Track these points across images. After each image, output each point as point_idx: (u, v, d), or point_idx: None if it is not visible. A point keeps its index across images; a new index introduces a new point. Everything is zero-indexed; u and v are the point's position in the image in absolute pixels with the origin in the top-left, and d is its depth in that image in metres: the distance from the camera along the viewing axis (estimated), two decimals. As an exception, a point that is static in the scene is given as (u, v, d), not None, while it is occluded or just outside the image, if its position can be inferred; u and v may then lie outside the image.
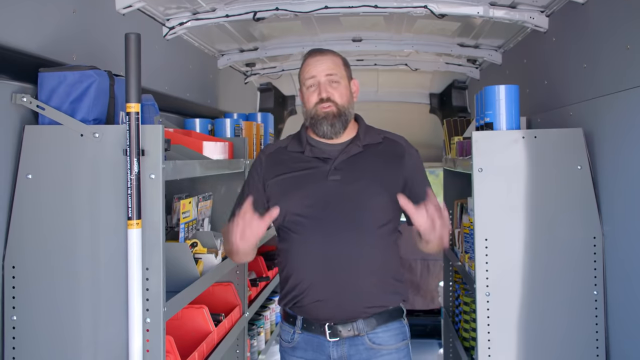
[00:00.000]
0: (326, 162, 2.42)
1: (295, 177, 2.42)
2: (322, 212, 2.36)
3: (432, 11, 3.41)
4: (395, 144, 2.51)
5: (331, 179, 2.38)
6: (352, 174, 2.40)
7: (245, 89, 5.45)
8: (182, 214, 2.69)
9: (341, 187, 2.37)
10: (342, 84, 2.44)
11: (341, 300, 2.33)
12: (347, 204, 2.36)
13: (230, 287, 3.33)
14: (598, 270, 2.64)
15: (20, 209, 2.14)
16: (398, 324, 2.43)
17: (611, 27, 2.53)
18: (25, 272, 2.13)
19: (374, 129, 2.54)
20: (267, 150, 2.56)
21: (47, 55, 2.29)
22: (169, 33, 3.49)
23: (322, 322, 2.37)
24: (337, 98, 2.41)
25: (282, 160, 2.48)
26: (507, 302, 2.69)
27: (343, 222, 2.34)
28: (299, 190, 2.40)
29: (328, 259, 2.33)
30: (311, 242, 2.35)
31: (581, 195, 2.66)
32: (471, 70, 5.04)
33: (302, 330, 2.42)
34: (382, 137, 2.51)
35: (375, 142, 2.48)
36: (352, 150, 2.44)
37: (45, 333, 2.13)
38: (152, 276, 2.11)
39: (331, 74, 2.42)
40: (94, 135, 2.13)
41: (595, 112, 2.67)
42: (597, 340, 2.63)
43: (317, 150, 2.45)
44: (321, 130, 2.42)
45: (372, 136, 2.50)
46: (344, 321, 2.36)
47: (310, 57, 2.48)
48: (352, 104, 2.48)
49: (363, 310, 2.35)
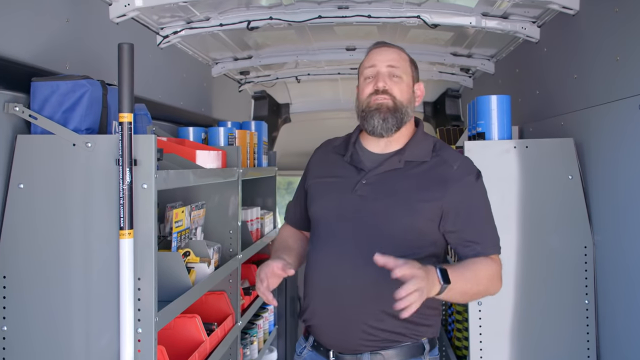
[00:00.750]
0: (360, 173, 2.21)
1: (327, 184, 2.27)
2: (338, 227, 2.17)
3: (425, 21, 3.43)
4: (444, 165, 2.18)
5: (357, 193, 2.17)
6: (379, 193, 2.15)
7: (239, 97, 5.46)
8: (174, 223, 2.69)
9: (363, 205, 2.15)
10: (404, 80, 2.21)
11: (340, 328, 2.15)
12: (364, 224, 2.13)
13: (223, 296, 3.32)
14: (589, 279, 2.65)
15: (11, 219, 2.13)
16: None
17: (601, 39, 2.55)
18: (16, 281, 2.12)
19: (428, 142, 2.25)
20: (321, 146, 2.42)
21: (40, 65, 2.29)
22: (163, 42, 3.50)
23: (328, 348, 2.21)
24: (397, 92, 2.18)
25: (325, 160, 2.34)
26: (499, 311, 2.70)
27: (355, 244, 2.12)
28: (325, 199, 2.25)
29: (334, 282, 2.14)
30: (322, 259, 2.19)
31: (572, 205, 2.68)
32: (464, 79, 5.06)
33: (312, 348, 2.28)
34: (434, 154, 2.21)
35: (421, 160, 2.20)
36: (391, 164, 2.19)
37: (36, 343, 2.12)
38: (144, 286, 2.10)
39: (393, 66, 2.20)
40: (87, 145, 2.13)
41: (586, 122, 2.69)
42: (589, 349, 2.64)
43: (356, 157, 2.25)
44: (371, 124, 2.18)
45: (421, 152, 2.22)
46: (348, 352, 2.16)
47: (375, 47, 2.28)
48: (412, 106, 2.24)
49: (364, 343, 2.13)
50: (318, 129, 5.06)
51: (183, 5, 3.12)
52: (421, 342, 2.18)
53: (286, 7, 3.38)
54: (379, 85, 2.19)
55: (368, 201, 2.15)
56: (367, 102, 2.21)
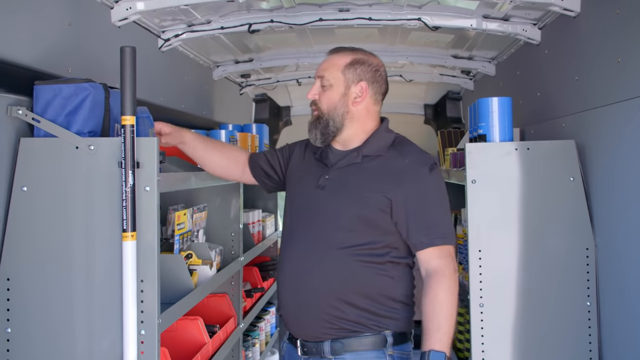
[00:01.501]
0: (324, 168, 2.36)
1: (298, 179, 2.43)
2: (302, 220, 2.33)
3: (426, 24, 3.44)
4: (398, 158, 2.30)
5: (319, 187, 2.32)
6: (336, 186, 2.29)
7: (241, 100, 5.46)
8: (177, 225, 2.69)
9: (322, 199, 2.29)
10: (333, 87, 2.32)
11: (304, 318, 2.27)
12: (322, 217, 2.27)
13: (225, 298, 3.33)
14: (591, 281, 2.65)
15: (15, 221, 2.14)
16: (375, 353, 2.23)
17: (602, 40, 2.55)
18: (19, 284, 2.13)
19: (388, 138, 2.35)
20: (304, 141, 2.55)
21: (43, 68, 2.30)
22: (165, 45, 3.50)
23: (296, 337, 2.34)
24: (322, 103, 2.34)
25: (303, 157, 2.49)
26: (501, 313, 2.70)
27: (314, 236, 2.26)
28: (293, 194, 2.42)
29: (294, 274, 2.29)
30: (287, 251, 2.34)
31: (574, 207, 2.68)
32: (465, 82, 5.07)
33: (288, 341, 2.42)
34: (391, 148, 2.33)
35: (377, 154, 2.31)
36: (350, 159, 2.32)
37: (39, 345, 2.13)
38: (146, 288, 2.11)
39: (323, 76, 2.35)
40: (89, 148, 2.14)
41: (587, 124, 2.69)
42: (591, 351, 2.64)
43: (324, 154, 2.39)
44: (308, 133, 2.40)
45: (378, 147, 2.32)
46: (312, 339, 2.27)
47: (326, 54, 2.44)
48: (343, 111, 2.32)
49: (325, 331, 2.23)
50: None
51: (184, 8, 3.13)
52: (383, 334, 2.25)
53: (287, 10, 3.39)
54: (307, 96, 2.38)
55: (326, 195, 2.30)
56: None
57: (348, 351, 2.22)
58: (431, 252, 2.24)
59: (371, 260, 2.24)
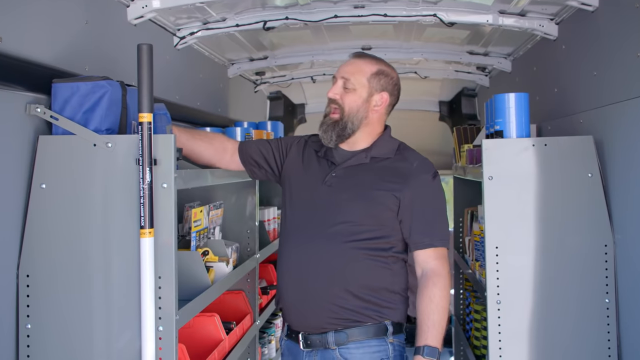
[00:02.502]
0: (331, 167, 2.45)
1: (302, 176, 2.49)
2: (307, 216, 2.41)
3: (442, 20, 3.42)
4: (405, 162, 2.45)
5: (326, 184, 2.41)
6: (345, 184, 2.40)
7: (255, 97, 5.47)
8: (193, 222, 2.70)
9: (330, 195, 2.39)
10: (357, 92, 2.43)
11: (308, 309, 2.35)
12: (328, 212, 2.37)
13: (241, 295, 3.34)
14: (610, 278, 2.63)
15: (34, 218, 2.15)
16: (378, 341, 2.35)
17: (621, 35, 2.53)
18: (39, 280, 2.15)
19: (393, 144, 2.50)
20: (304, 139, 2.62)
21: (61, 66, 2.31)
22: (180, 43, 3.52)
23: (297, 331, 2.41)
24: (344, 104, 2.42)
25: (304, 154, 2.55)
26: (518, 310, 2.68)
27: (319, 230, 2.36)
28: (298, 190, 2.47)
29: (299, 266, 2.37)
30: (291, 244, 2.42)
31: (592, 203, 2.66)
32: (481, 78, 5.04)
33: (287, 337, 2.48)
34: (397, 153, 2.47)
35: (385, 157, 2.46)
36: (358, 159, 2.44)
37: (59, 341, 2.14)
38: (164, 285, 2.12)
39: (347, 78, 2.42)
40: (107, 145, 2.15)
41: (605, 119, 2.67)
42: (609, 348, 2.62)
43: (329, 153, 2.48)
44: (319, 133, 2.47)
45: (385, 150, 2.47)
46: (315, 331, 2.35)
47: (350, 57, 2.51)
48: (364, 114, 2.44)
49: (330, 322, 2.33)
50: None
51: (200, 6, 3.14)
52: (384, 323, 2.36)
53: (302, 7, 3.39)
54: (329, 95, 2.46)
55: (334, 192, 2.40)
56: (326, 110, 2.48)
57: (352, 341, 2.32)
58: (430, 252, 2.40)
59: (375, 254, 2.36)
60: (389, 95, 2.49)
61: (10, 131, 2.09)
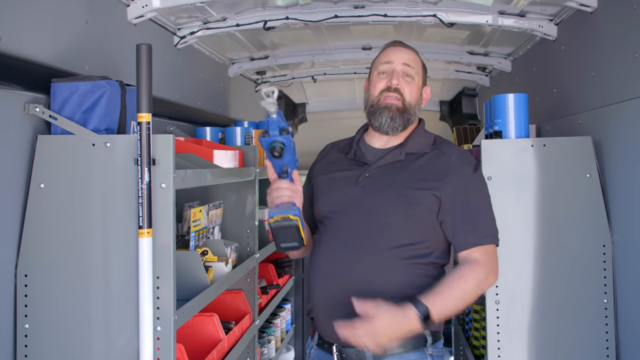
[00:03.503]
0: (363, 167, 2.26)
1: (332, 179, 2.31)
2: (342, 220, 2.21)
3: (442, 20, 3.42)
4: (443, 156, 2.25)
5: (359, 185, 2.22)
6: (379, 184, 2.20)
7: (256, 97, 5.47)
8: (192, 222, 2.71)
9: (364, 197, 2.20)
10: (415, 81, 2.28)
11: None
12: (365, 216, 2.17)
13: (240, 295, 3.34)
14: (608, 278, 2.63)
15: (32, 218, 2.16)
16: (417, 354, 2.16)
17: (620, 36, 2.53)
18: (37, 280, 2.15)
19: (429, 137, 2.32)
20: (325, 148, 2.49)
21: (60, 66, 2.32)
22: (180, 42, 3.52)
23: (331, 342, 2.24)
24: (407, 93, 2.25)
25: (331, 160, 2.40)
26: (517, 310, 2.69)
27: (356, 236, 2.17)
28: (330, 193, 2.28)
29: (335, 276, 2.17)
30: (325, 252, 2.23)
31: (590, 204, 2.66)
32: (481, 78, 5.04)
33: (317, 346, 2.32)
34: (434, 147, 2.28)
35: (421, 152, 2.26)
36: (392, 157, 2.25)
37: (56, 341, 2.15)
38: (162, 284, 2.12)
39: (408, 65, 2.27)
40: (106, 145, 2.15)
41: (604, 120, 2.67)
42: (608, 348, 2.62)
43: (359, 153, 2.31)
44: (378, 121, 2.24)
45: (421, 145, 2.28)
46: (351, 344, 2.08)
47: (393, 45, 2.34)
48: (419, 107, 2.31)
49: None
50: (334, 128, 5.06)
51: (200, 5, 3.14)
52: (423, 334, 2.17)
53: (302, 7, 3.39)
54: (392, 83, 2.24)
55: (369, 193, 2.20)
56: (378, 99, 2.26)
57: (390, 354, 2.13)
58: (476, 249, 2.19)
59: (415, 262, 2.17)
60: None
61: (9, 130, 2.10)
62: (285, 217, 2.00)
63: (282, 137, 1.96)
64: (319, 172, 2.40)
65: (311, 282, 2.28)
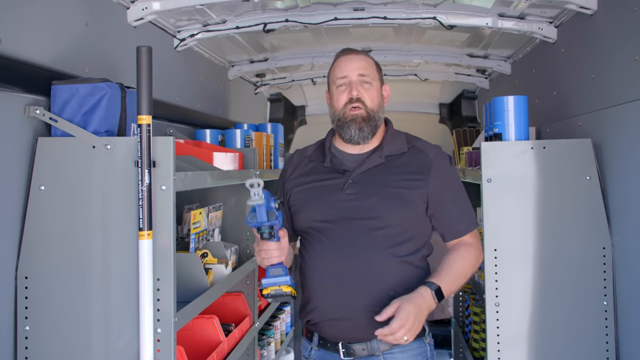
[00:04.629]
0: (345, 174, 2.32)
1: (313, 190, 2.35)
2: (336, 227, 2.26)
3: (441, 22, 3.43)
4: (422, 154, 2.35)
5: (347, 192, 2.28)
6: (368, 189, 2.27)
7: (256, 99, 5.48)
8: (192, 224, 2.71)
9: (355, 202, 2.26)
10: (374, 86, 2.34)
11: (353, 321, 2.24)
12: (361, 220, 2.25)
13: (240, 297, 3.34)
14: (608, 280, 2.63)
15: (33, 220, 2.16)
16: (418, 343, 2.30)
17: (619, 38, 2.54)
18: (37, 282, 2.15)
19: (401, 136, 2.41)
20: (293, 157, 2.51)
21: (60, 68, 2.32)
22: (180, 45, 3.52)
23: (336, 341, 2.30)
24: (368, 100, 2.31)
25: (304, 171, 2.42)
26: (517, 312, 2.69)
27: (356, 240, 2.24)
28: (315, 204, 2.32)
29: (338, 277, 2.24)
30: (324, 258, 2.27)
31: (590, 206, 2.66)
32: (480, 81, 5.05)
33: (319, 347, 2.36)
34: (410, 146, 2.37)
35: (400, 152, 2.35)
36: (373, 161, 2.33)
37: (57, 343, 2.15)
38: (163, 286, 2.12)
39: (363, 74, 2.32)
40: (106, 147, 2.15)
41: (604, 122, 2.67)
42: (607, 351, 2.62)
43: (337, 161, 2.37)
44: (348, 134, 2.32)
45: (397, 145, 2.37)
46: (358, 340, 2.26)
47: (343, 55, 2.38)
48: (382, 109, 2.38)
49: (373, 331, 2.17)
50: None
51: (200, 8, 3.15)
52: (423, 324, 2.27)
53: (302, 10, 3.39)
54: (353, 94, 2.31)
55: (360, 198, 2.27)
56: (343, 112, 2.33)
57: (396, 345, 2.25)
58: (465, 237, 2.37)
59: (409, 256, 2.29)
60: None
61: (9, 133, 2.10)
62: (278, 289, 2.09)
63: (270, 221, 2.00)
64: (295, 185, 2.41)
65: (310, 288, 2.32)
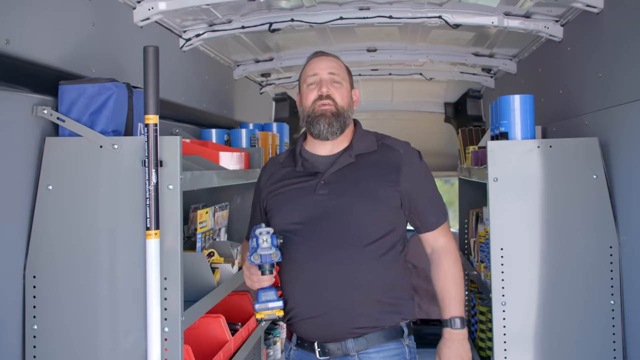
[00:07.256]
0: (317, 176, 2.33)
1: (287, 193, 2.37)
2: (310, 228, 2.28)
3: (447, 21, 3.42)
4: (392, 151, 2.38)
5: (319, 193, 2.30)
6: (340, 188, 2.29)
7: (261, 99, 5.48)
8: (199, 223, 2.71)
9: (329, 202, 2.28)
10: (344, 86, 2.38)
11: (327, 319, 2.25)
12: (334, 219, 2.26)
13: (246, 297, 3.34)
14: (615, 279, 2.62)
15: (40, 220, 2.17)
16: (395, 344, 2.30)
17: (626, 37, 2.53)
18: (45, 281, 2.16)
19: (371, 135, 2.44)
20: (267, 165, 2.54)
21: (67, 68, 2.33)
22: (186, 44, 3.53)
23: (312, 340, 2.31)
24: (338, 98, 2.34)
25: (278, 177, 2.43)
26: (523, 311, 2.68)
27: (330, 239, 2.25)
28: (288, 207, 2.34)
29: (314, 277, 2.25)
30: (299, 259, 2.28)
31: (597, 205, 2.66)
32: (486, 80, 5.04)
33: (297, 346, 2.39)
34: (379, 143, 2.40)
35: (370, 151, 2.38)
36: (343, 161, 2.34)
37: (65, 342, 2.16)
38: (170, 286, 2.13)
39: (334, 73, 2.37)
40: (113, 147, 2.16)
41: (610, 121, 2.67)
42: (615, 350, 2.61)
43: (308, 164, 2.38)
44: (317, 129, 2.34)
45: (367, 144, 2.39)
46: (333, 340, 2.27)
47: (315, 56, 2.43)
48: (352, 109, 2.41)
49: (351, 330, 2.25)
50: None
51: (205, 8, 3.15)
52: (400, 326, 2.33)
53: (307, 9, 3.40)
54: (322, 91, 2.35)
55: (333, 198, 2.29)
56: (312, 108, 2.36)
57: (371, 345, 2.27)
58: (438, 230, 2.42)
59: (389, 254, 2.31)
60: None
61: (16, 133, 2.11)
62: (271, 314, 2.26)
63: (273, 261, 2.17)
64: (269, 192, 2.43)
65: (287, 289, 2.35)
